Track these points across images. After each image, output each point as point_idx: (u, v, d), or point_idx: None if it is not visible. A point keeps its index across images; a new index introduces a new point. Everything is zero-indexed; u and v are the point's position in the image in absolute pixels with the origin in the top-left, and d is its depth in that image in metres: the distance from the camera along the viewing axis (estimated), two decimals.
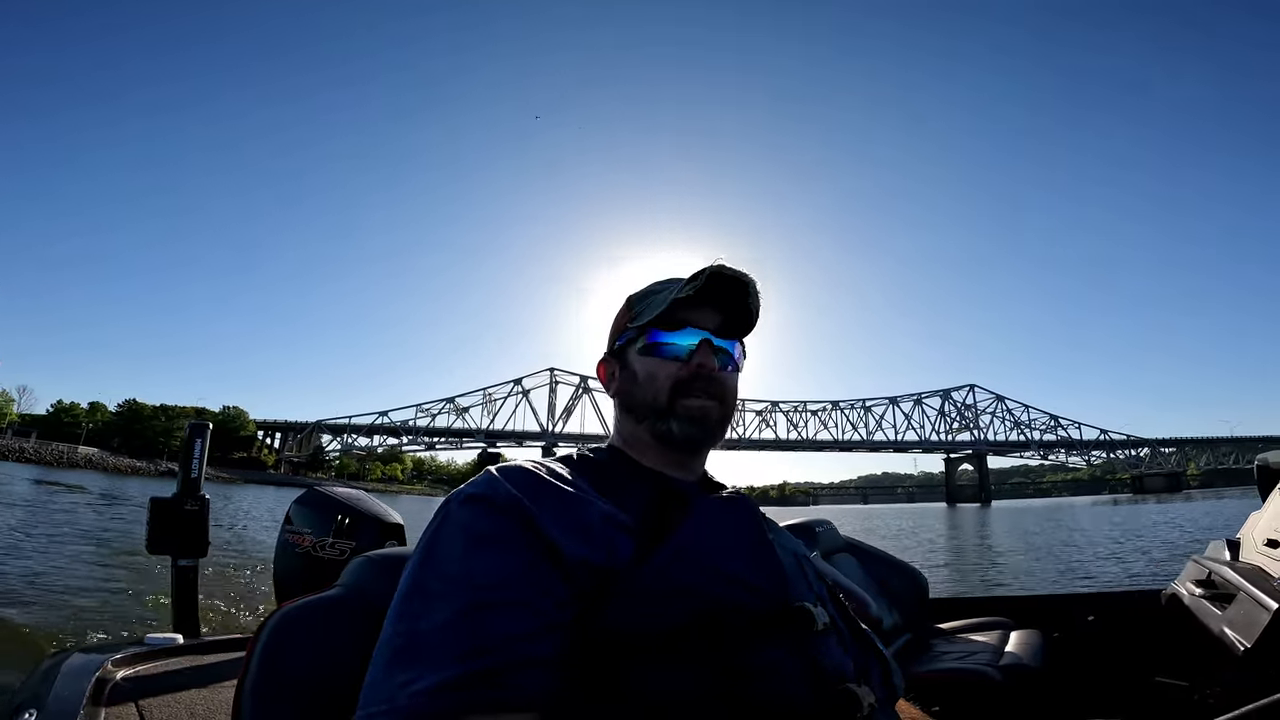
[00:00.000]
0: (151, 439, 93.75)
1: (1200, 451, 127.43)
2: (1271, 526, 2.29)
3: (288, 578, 1.79)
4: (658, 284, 0.91)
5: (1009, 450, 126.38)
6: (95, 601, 5.76)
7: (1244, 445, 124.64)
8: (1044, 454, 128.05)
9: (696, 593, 0.67)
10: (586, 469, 0.80)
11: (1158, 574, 10.19)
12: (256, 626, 0.79)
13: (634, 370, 0.87)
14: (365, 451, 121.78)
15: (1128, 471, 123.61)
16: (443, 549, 0.65)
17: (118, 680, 1.27)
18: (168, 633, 1.61)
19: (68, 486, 28.32)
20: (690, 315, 0.86)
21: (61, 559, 8.10)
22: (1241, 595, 2.01)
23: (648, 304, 0.88)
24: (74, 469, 70.84)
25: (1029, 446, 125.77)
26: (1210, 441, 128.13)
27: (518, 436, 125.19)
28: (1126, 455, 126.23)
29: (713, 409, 0.85)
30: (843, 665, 0.71)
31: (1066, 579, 10.69)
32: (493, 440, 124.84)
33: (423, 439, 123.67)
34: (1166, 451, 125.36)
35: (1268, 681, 1.74)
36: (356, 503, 1.84)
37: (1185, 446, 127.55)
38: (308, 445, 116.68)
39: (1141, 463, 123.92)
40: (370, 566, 0.87)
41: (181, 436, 2.29)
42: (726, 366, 0.87)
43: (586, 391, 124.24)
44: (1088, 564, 12.10)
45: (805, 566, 0.82)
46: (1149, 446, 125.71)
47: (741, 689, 0.63)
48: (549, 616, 0.62)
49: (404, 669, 0.58)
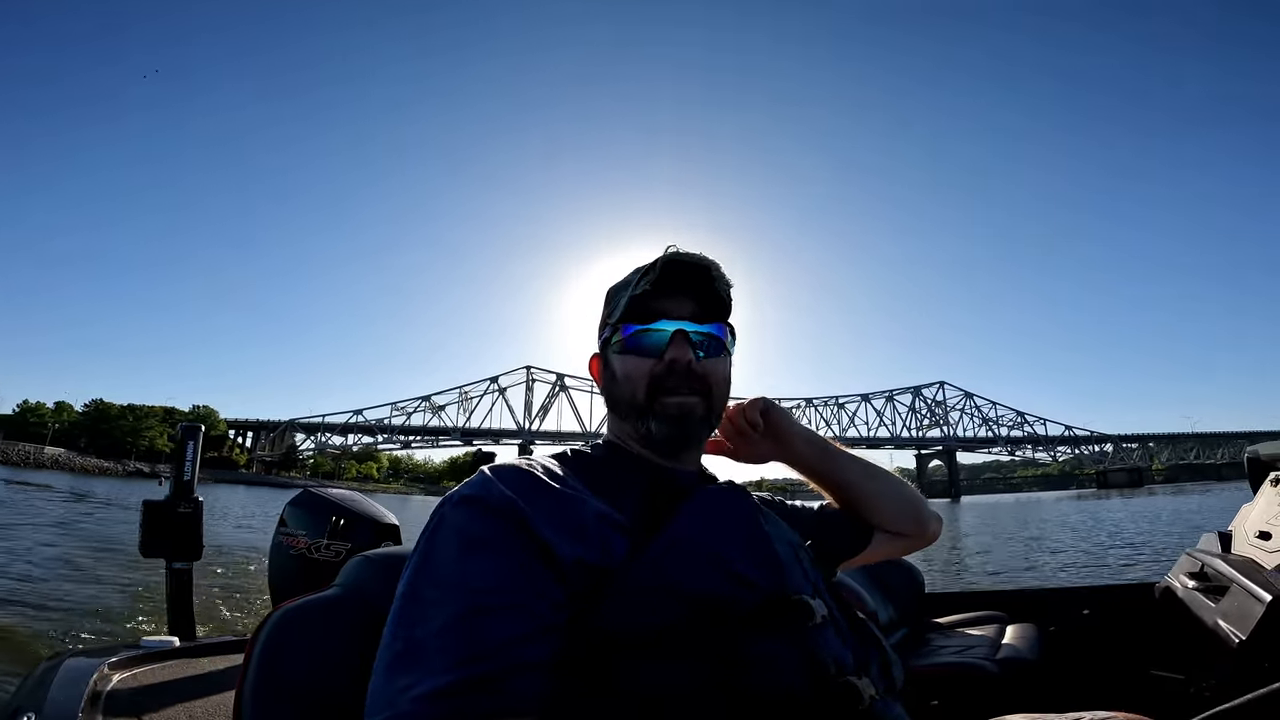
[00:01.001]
0: (119, 439, 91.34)
1: (1162, 447, 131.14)
2: (1263, 518, 2.31)
3: (283, 579, 1.80)
4: (635, 271, 0.87)
5: (978, 446, 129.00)
6: (79, 604, 5.70)
7: (1205, 441, 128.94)
8: (1011, 450, 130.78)
9: (692, 586, 0.67)
10: (581, 465, 0.79)
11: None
12: (253, 628, 0.78)
13: (614, 369, 0.86)
14: (340, 450, 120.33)
15: (1093, 467, 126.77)
16: (438, 553, 0.66)
17: (115, 683, 1.27)
18: (163, 636, 1.60)
19: (37, 486, 27.85)
20: (662, 305, 0.83)
21: (44, 560, 8.04)
22: (1235, 587, 2.02)
23: (622, 297, 0.85)
24: (41, 469, 69.21)
25: (997, 443, 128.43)
26: (1172, 437, 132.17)
27: (494, 435, 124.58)
28: (1091, 451, 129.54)
29: (694, 405, 0.82)
30: (842, 657, 0.71)
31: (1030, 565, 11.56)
32: (469, 439, 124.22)
33: (398, 437, 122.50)
34: (1129, 447, 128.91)
35: (1263, 673, 1.77)
36: (351, 504, 1.85)
37: (1148, 442, 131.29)
38: (280, 444, 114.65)
39: (1106, 458, 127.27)
40: (368, 566, 0.87)
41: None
42: (711, 353, 0.84)
43: (563, 390, 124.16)
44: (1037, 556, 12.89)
45: (802, 556, 0.81)
46: (1112, 442, 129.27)
47: (739, 682, 0.63)
48: (545, 619, 0.62)
49: (404, 674, 0.59)
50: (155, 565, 2.15)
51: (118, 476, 71.29)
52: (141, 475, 75.12)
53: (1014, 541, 16.14)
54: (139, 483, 60.63)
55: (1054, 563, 11.61)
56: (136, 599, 5.99)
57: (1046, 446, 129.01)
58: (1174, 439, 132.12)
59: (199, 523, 2.17)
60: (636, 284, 0.82)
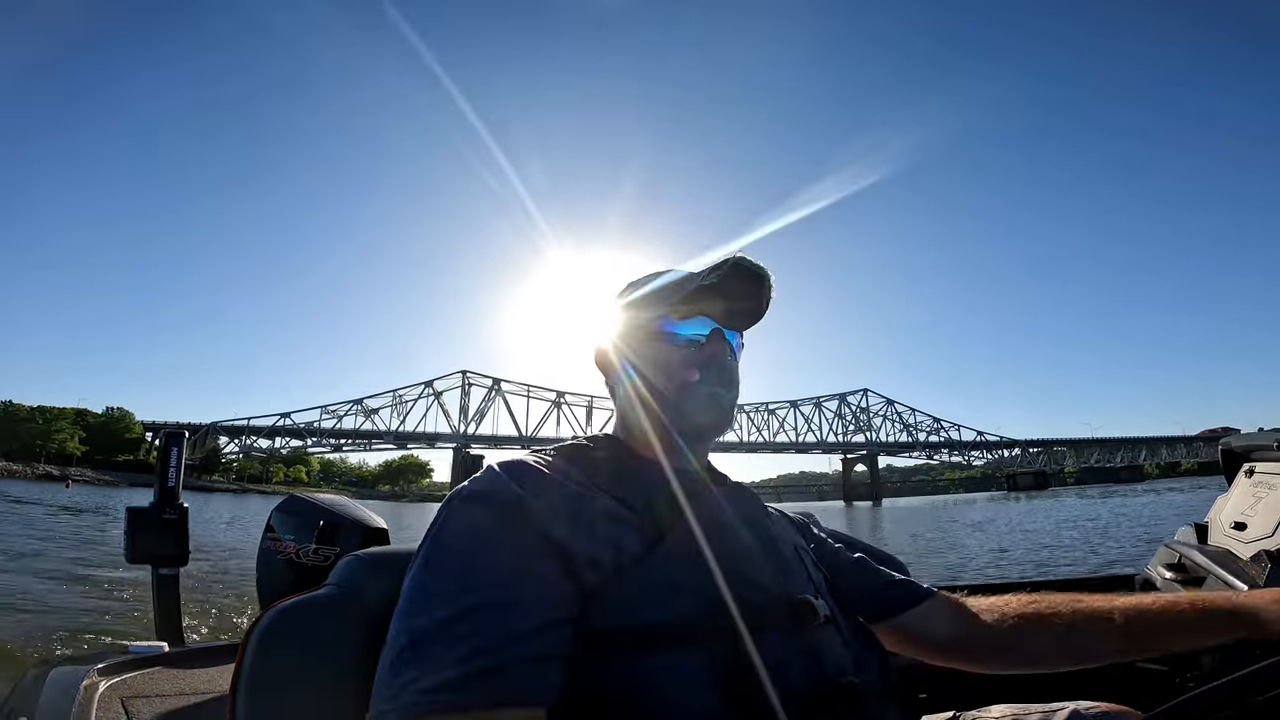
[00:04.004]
0: (28, 442, 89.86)
1: (1065, 452, 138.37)
2: (1238, 509, 2.31)
3: (270, 585, 1.81)
4: (659, 273, 0.92)
5: (898, 451, 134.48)
6: (58, 610, 5.86)
7: (1105, 445, 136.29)
8: (929, 454, 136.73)
9: (700, 585, 0.67)
10: (589, 462, 0.80)
11: None
12: (243, 630, 0.78)
13: (648, 358, 0.87)
14: (266, 453, 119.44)
15: (1004, 470, 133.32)
16: (446, 547, 0.67)
17: (105, 689, 1.26)
18: (151, 641, 1.63)
19: None
20: (701, 305, 0.87)
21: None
22: (1211, 578, 2.02)
23: (655, 292, 0.89)
24: None
25: (915, 447, 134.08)
26: (1074, 442, 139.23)
27: (429, 438, 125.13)
28: (1000, 455, 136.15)
29: (724, 396, 0.86)
30: (843, 657, 0.73)
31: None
32: (402, 442, 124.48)
33: (329, 440, 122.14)
34: (1035, 452, 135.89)
35: (1241, 663, 1.77)
36: (339, 508, 1.86)
37: (1052, 447, 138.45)
38: (202, 447, 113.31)
39: (1014, 462, 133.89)
40: (359, 564, 0.87)
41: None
42: (731, 357, 0.89)
43: (500, 394, 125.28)
44: None
45: (804, 557, 0.84)
46: (1019, 447, 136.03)
47: (745, 681, 0.64)
48: (553, 613, 0.63)
49: (409, 668, 0.59)
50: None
51: (28, 479, 70.64)
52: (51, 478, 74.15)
53: (916, 540, 18.44)
54: (48, 485, 60.06)
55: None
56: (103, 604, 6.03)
57: (961, 451, 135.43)
58: (1074, 444, 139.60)
59: (185, 528, 2.19)
60: (705, 275, 0.84)
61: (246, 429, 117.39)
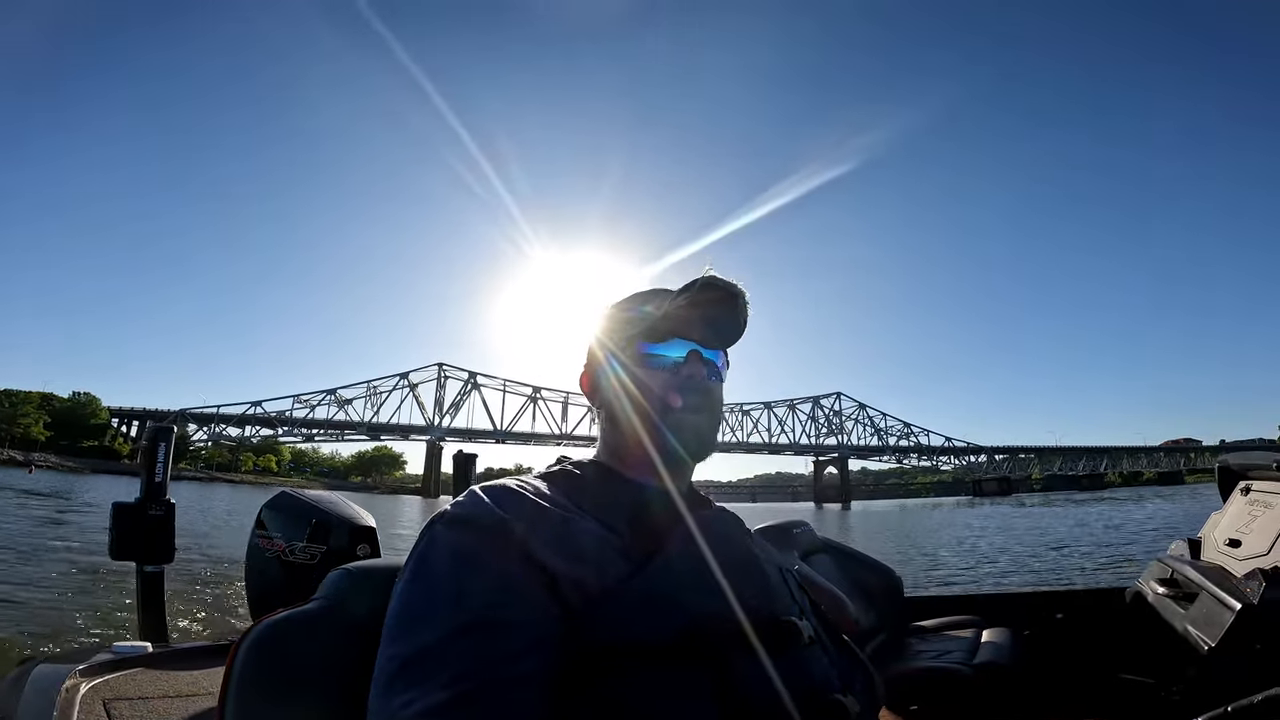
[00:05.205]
0: None
1: (1030, 459, 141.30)
2: (1233, 526, 2.30)
3: (259, 582, 1.79)
4: (639, 294, 0.92)
5: (869, 454, 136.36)
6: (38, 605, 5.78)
7: (1068, 454, 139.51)
8: (899, 458, 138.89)
9: (685, 607, 0.68)
10: (572, 486, 0.81)
11: None
12: (229, 635, 0.74)
13: (626, 382, 0.87)
14: (235, 442, 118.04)
15: (972, 475, 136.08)
16: (431, 570, 0.67)
17: (87, 691, 1.23)
18: (135, 641, 1.58)
19: None
20: (678, 327, 0.87)
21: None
22: (1204, 595, 2.01)
23: (632, 316, 0.89)
24: None
25: (886, 451, 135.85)
26: (1039, 450, 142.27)
27: (403, 430, 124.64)
28: (968, 461, 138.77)
29: (704, 420, 0.86)
30: (829, 676, 0.74)
31: None
32: (376, 433, 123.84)
33: (300, 430, 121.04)
34: (1000, 458, 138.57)
35: (1232, 681, 1.77)
36: (328, 505, 1.84)
37: (1017, 454, 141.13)
38: None
39: (981, 468, 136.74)
40: (348, 579, 0.86)
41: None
42: (712, 377, 0.89)
43: (475, 388, 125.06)
44: None
45: (789, 579, 0.85)
46: (986, 453, 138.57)
47: (731, 703, 0.64)
48: (538, 635, 0.64)
49: (399, 692, 0.60)
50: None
51: None
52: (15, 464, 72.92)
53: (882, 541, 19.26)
54: (11, 470, 59.12)
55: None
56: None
57: (930, 456, 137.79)
58: (1039, 451, 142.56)
59: (171, 525, 2.15)
60: (674, 298, 0.85)
61: (216, 417, 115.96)
